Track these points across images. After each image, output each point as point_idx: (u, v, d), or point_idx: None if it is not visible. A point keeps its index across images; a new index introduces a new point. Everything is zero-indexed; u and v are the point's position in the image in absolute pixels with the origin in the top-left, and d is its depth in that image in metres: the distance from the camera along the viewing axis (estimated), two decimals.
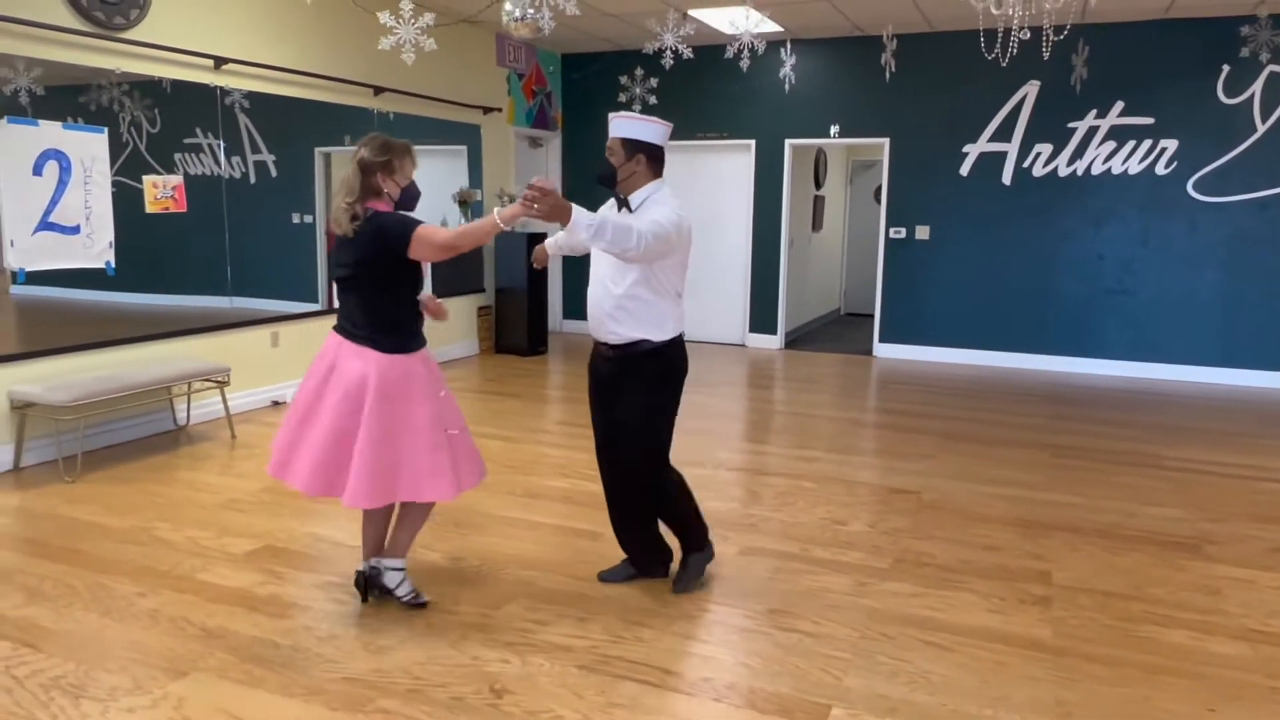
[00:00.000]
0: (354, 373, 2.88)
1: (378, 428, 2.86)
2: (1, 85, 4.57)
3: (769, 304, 8.99)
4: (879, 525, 4.05)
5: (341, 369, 2.91)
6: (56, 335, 4.91)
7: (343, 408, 2.87)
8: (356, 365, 2.88)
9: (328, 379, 2.93)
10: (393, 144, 2.96)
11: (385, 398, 2.88)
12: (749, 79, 8.57)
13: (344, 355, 2.93)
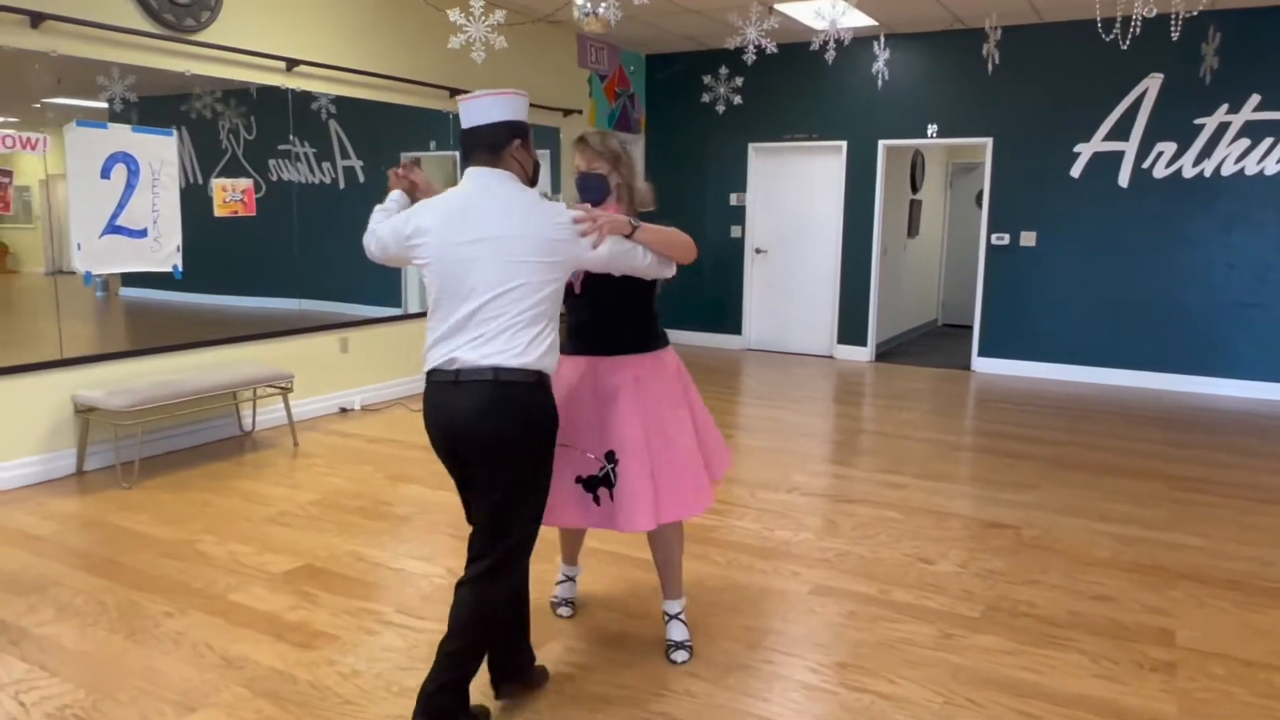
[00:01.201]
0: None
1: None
2: (97, 92, 4.60)
3: (859, 314, 8.51)
4: (971, 565, 3.61)
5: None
6: (156, 336, 5.04)
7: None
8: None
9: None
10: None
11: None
12: (840, 77, 8.14)
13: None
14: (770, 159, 8.80)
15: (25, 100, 4.38)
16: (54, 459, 4.52)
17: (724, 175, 8.95)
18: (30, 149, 4.29)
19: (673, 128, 9.12)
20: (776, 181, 8.81)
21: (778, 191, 8.82)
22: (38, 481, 4.45)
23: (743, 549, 3.75)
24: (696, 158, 9.04)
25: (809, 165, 8.63)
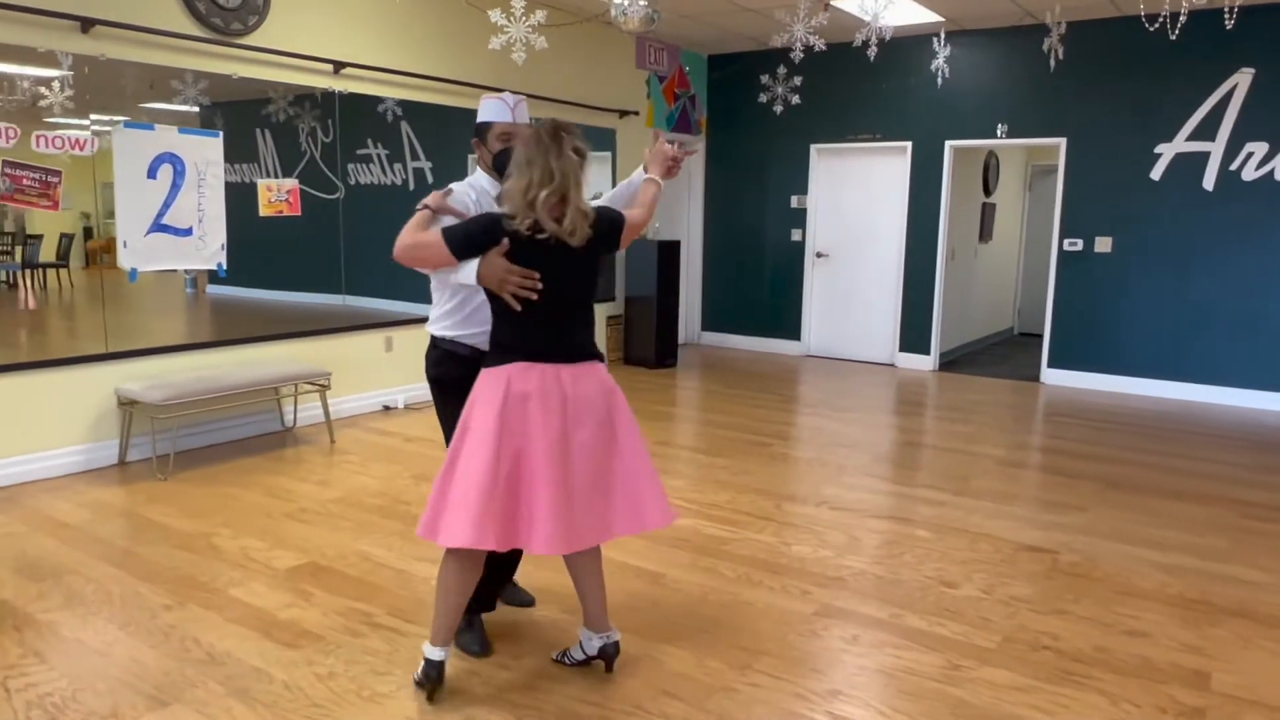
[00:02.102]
0: (593, 393, 2.49)
1: (635, 430, 2.61)
2: (171, 96, 4.81)
3: (922, 321, 8.20)
4: (995, 591, 3.39)
5: (579, 396, 2.46)
6: (229, 330, 5.32)
7: (599, 438, 2.50)
8: (592, 384, 2.49)
9: (565, 416, 2.44)
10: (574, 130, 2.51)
11: (623, 401, 2.62)
12: (904, 75, 7.87)
13: (575, 382, 2.46)
14: (833, 160, 8.57)
15: (122, 103, 4.65)
16: (98, 449, 4.68)
17: (785, 177, 8.76)
18: (79, 150, 4.45)
19: (734, 129, 8.97)
20: (839, 183, 8.57)
21: (840, 194, 8.58)
22: (81, 470, 4.61)
23: (754, 564, 3.61)
24: (758, 159, 8.87)
25: (872, 167, 8.36)
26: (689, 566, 3.57)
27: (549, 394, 2.43)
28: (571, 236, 2.38)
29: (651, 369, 7.96)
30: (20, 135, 4.23)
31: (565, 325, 2.50)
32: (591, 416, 2.49)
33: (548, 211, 2.36)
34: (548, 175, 2.35)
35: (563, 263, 2.43)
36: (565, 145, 2.37)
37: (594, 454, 2.49)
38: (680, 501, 4.35)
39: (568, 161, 2.37)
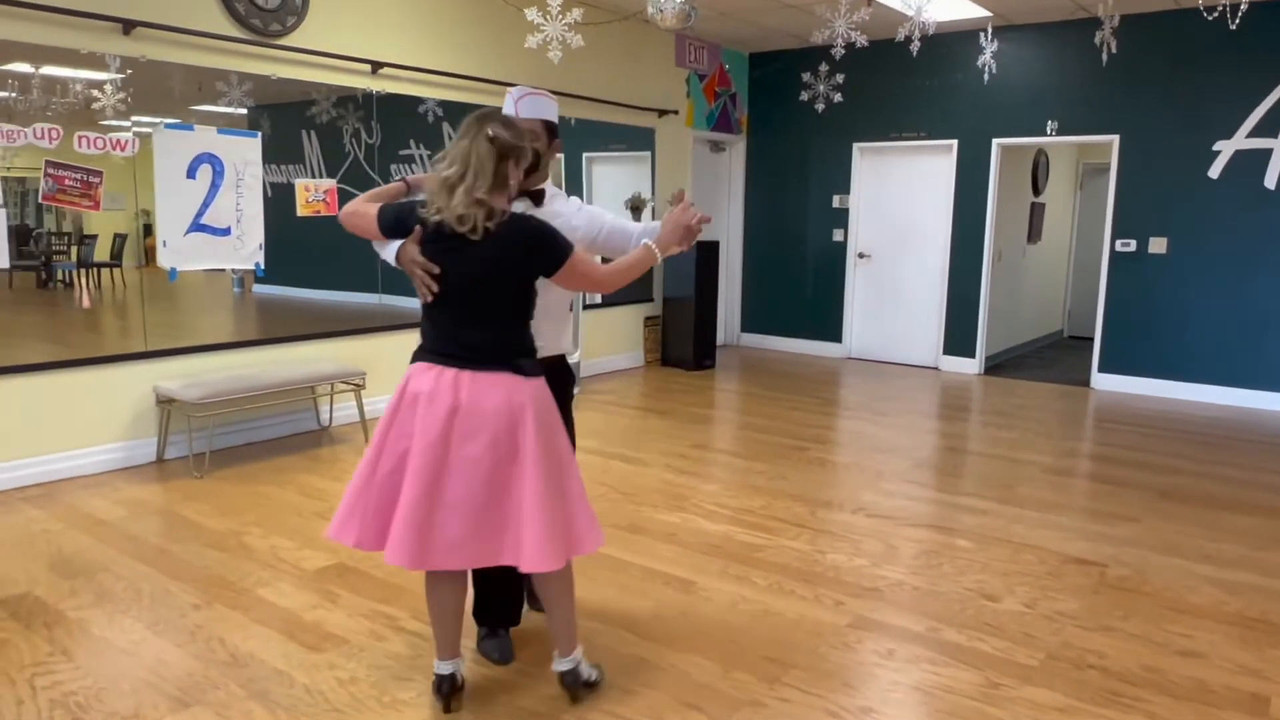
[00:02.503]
0: (495, 407, 2.25)
1: (547, 459, 2.30)
2: (217, 98, 4.88)
3: (967, 323, 8.01)
4: (1039, 605, 3.26)
5: (474, 407, 2.25)
6: (276, 328, 5.42)
7: (492, 456, 2.25)
8: (496, 398, 2.26)
9: (452, 425, 2.25)
10: (521, 128, 2.32)
11: (544, 427, 2.31)
12: (950, 72, 7.70)
13: (472, 389, 2.26)
14: (876, 159, 8.41)
15: (171, 106, 4.74)
16: (136, 446, 4.73)
17: (826, 176, 8.61)
18: (120, 150, 4.50)
19: (775, 128, 8.85)
20: (882, 183, 8.41)
21: (883, 193, 8.42)
22: (119, 468, 4.66)
23: (787, 571, 3.52)
24: (799, 159, 8.74)
25: (917, 165, 8.19)
26: (720, 574, 3.49)
27: (437, 398, 2.26)
28: (461, 224, 2.19)
29: (689, 370, 7.87)
30: (63, 136, 4.28)
31: (466, 325, 2.29)
32: (486, 432, 2.24)
33: (445, 197, 2.22)
34: (451, 159, 2.23)
35: (464, 258, 2.24)
36: (480, 133, 2.22)
37: (484, 472, 2.25)
38: (713, 506, 4.27)
39: (475, 150, 2.20)
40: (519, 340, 2.35)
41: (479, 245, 2.23)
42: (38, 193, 4.30)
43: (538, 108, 2.59)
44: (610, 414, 6.22)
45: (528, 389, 2.31)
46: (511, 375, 2.29)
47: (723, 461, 5.07)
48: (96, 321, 4.81)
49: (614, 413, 6.26)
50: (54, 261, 4.65)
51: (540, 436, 2.29)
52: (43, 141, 4.22)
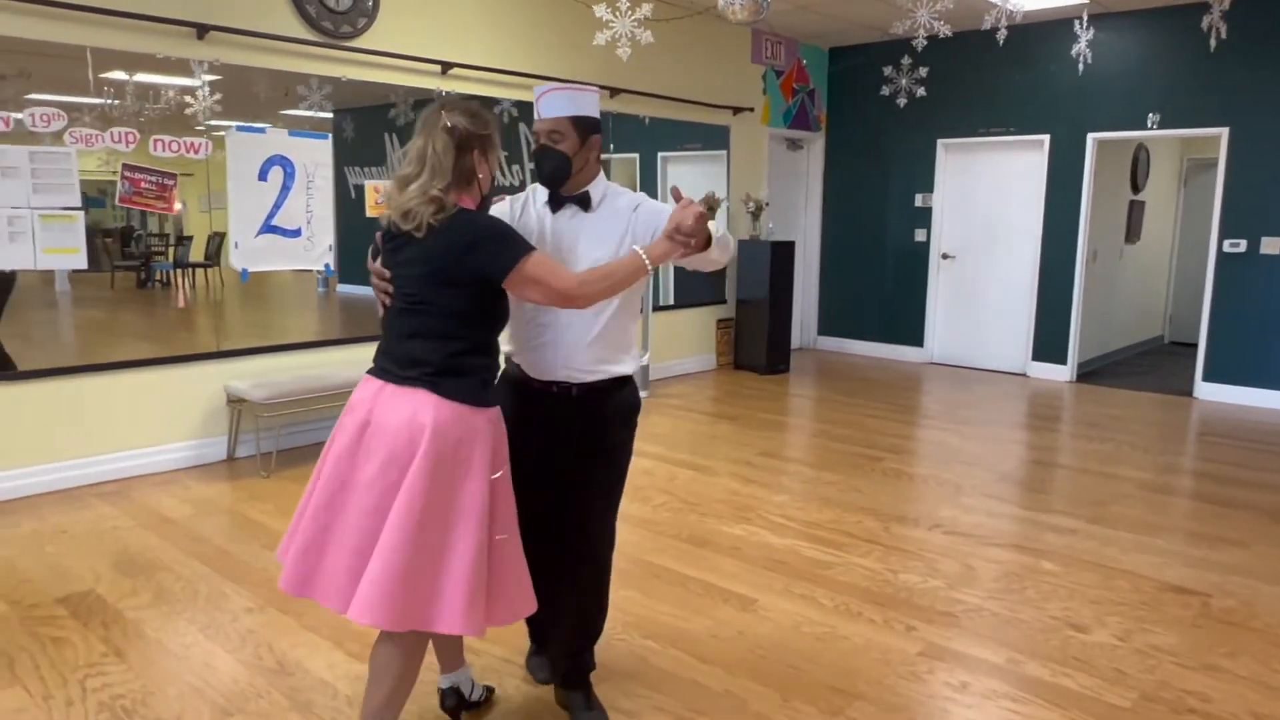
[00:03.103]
0: (397, 424, 1.98)
1: (421, 506, 1.94)
2: (297, 102, 4.95)
3: (1058, 328, 7.60)
4: (1133, 639, 2.99)
5: (380, 423, 2.00)
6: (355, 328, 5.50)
7: (381, 482, 1.97)
8: (401, 413, 1.98)
9: (360, 441, 2.02)
10: (488, 115, 2.13)
11: (438, 462, 1.96)
12: (1042, 63, 7.32)
13: (384, 404, 2.02)
14: (961, 156, 8.06)
15: (258, 110, 4.86)
16: (208, 445, 4.80)
17: (909, 174, 8.30)
18: (194, 153, 4.57)
19: (855, 124, 8.58)
20: (968, 180, 8.06)
21: (969, 191, 8.06)
22: (191, 465, 4.73)
23: (856, 592, 3.32)
24: (880, 156, 8.45)
25: (1005, 162, 7.82)
26: (783, 592, 3.32)
27: (355, 410, 2.05)
28: (406, 221, 1.99)
29: (762, 375, 7.68)
30: (139, 140, 4.37)
31: (405, 335, 2.05)
32: (383, 451, 1.98)
33: (398, 186, 2.03)
34: (409, 158, 2.04)
35: (406, 257, 2.04)
36: (438, 125, 2.02)
37: (374, 498, 1.97)
38: (780, 519, 4.09)
39: (432, 144, 2.01)
40: (452, 358, 2.02)
41: (421, 243, 2.00)
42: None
43: (561, 104, 2.26)
44: (678, 419, 6.08)
45: (438, 411, 1.97)
46: (424, 392, 1.98)
47: (792, 471, 4.88)
48: (188, 320, 4.96)
49: (682, 417, 6.12)
50: (153, 262, 4.81)
51: (430, 471, 1.94)
52: (119, 145, 4.31)
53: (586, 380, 2.30)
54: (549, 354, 2.29)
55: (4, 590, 3.22)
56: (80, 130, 4.18)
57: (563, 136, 2.25)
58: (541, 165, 2.28)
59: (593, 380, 2.30)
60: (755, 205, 7.72)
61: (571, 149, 2.26)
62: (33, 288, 4.31)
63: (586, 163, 2.31)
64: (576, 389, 2.30)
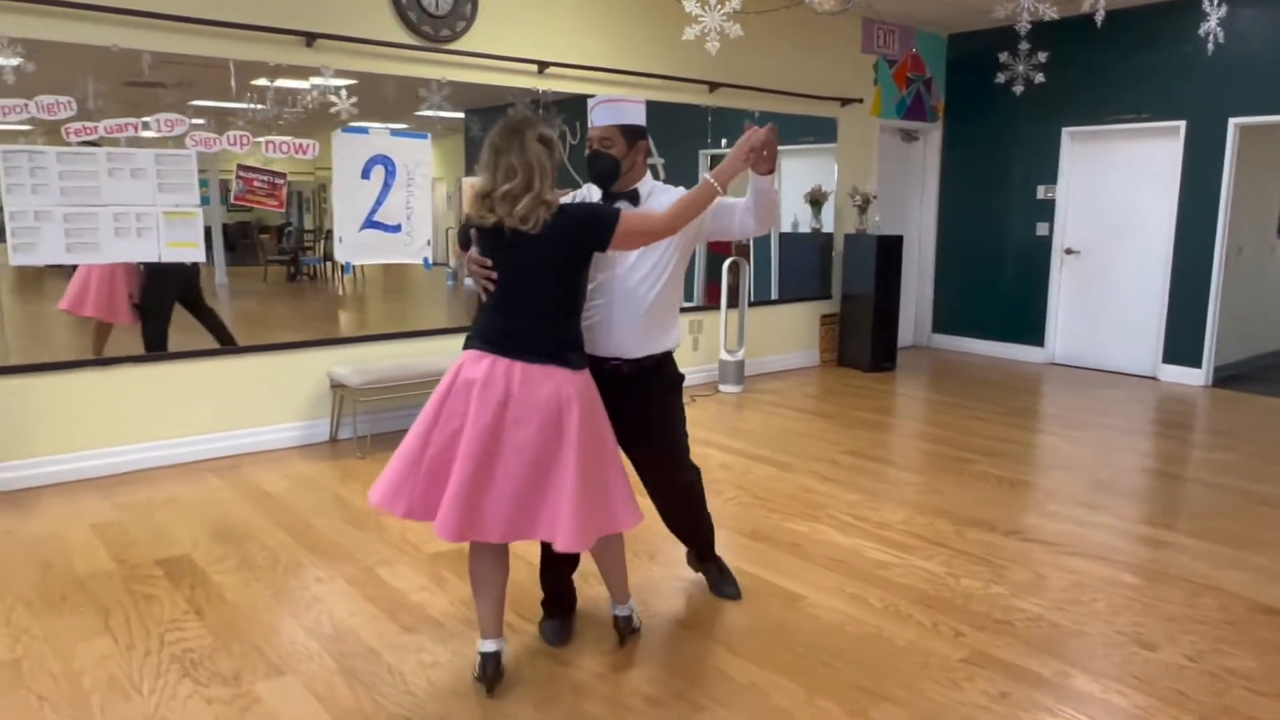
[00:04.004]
0: (545, 398, 2.39)
1: (589, 448, 2.44)
2: (420, 103, 5.28)
3: (1193, 328, 7.07)
4: (1206, 659, 2.79)
5: (525, 399, 2.38)
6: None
7: (539, 441, 2.39)
8: (546, 389, 2.39)
9: (504, 414, 2.38)
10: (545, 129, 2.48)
11: (583, 418, 2.43)
12: (1175, 44, 6.82)
13: (524, 383, 2.39)
14: (1088, 145, 7.61)
15: (392, 111, 5.26)
16: (313, 426, 5.14)
17: (1031, 165, 7.90)
18: (302, 154, 4.89)
19: (975, 114, 8.24)
20: (1095, 171, 7.60)
21: (1096, 182, 7.61)
22: (296, 445, 5.08)
23: (910, 594, 3.23)
24: (1000, 146, 8.08)
25: (1135, 151, 7.33)
26: (834, 591, 3.27)
27: (491, 386, 2.39)
28: (524, 224, 2.34)
29: (865, 372, 7.50)
30: (252, 142, 4.72)
31: (520, 318, 2.44)
32: (535, 419, 2.39)
33: (504, 203, 2.34)
34: (507, 173, 2.35)
35: (522, 260, 2.40)
36: (528, 139, 2.36)
37: (532, 455, 2.39)
38: (849, 518, 4.02)
39: (531, 154, 2.36)
40: (567, 333, 2.48)
41: (535, 238, 2.35)
42: (299, 194, 4.99)
43: (611, 114, 2.64)
44: (768, 414, 6.04)
45: (575, 382, 2.44)
46: (560, 368, 2.42)
47: (874, 470, 4.76)
48: (327, 310, 5.42)
49: (772, 413, 6.07)
50: (302, 256, 5.24)
51: (583, 426, 2.42)
52: (234, 147, 4.67)
53: (635, 357, 2.68)
54: (601, 331, 2.66)
55: (114, 551, 3.57)
56: (200, 134, 4.55)
57: (612, 142, 2.63)
58: (593, 167, 2.66)
59: (640, 357, 2.69)
60: (862, 199, 7.54)
61: (620, 153, 2.63)
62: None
63: (634, 164, 2.67)
64: (627, 366, 2.69)
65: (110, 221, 4.39)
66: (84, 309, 4.53)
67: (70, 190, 4.27)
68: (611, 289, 2.65)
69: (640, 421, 2.74)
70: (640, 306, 2.66)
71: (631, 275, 2.66)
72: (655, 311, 2.69)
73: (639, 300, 2.65)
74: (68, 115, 4.20)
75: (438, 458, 2.41)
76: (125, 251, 4.45)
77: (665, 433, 2.84)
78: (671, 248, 2.69)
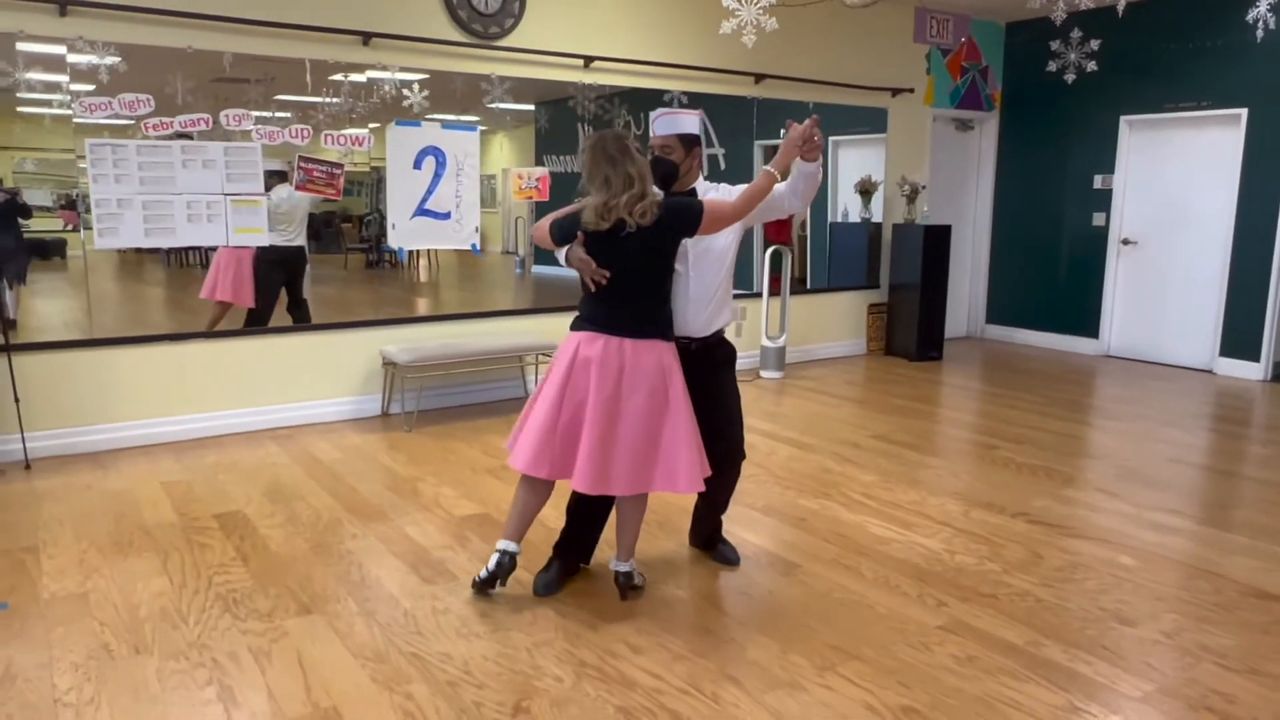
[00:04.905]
0: (652, 366, 2.85)
1: (686, 406, 2.90)
2: (482, 96, 5.62)
3: (1252, 321, 6.91)
4: (1182, 635, 2.87)
5: (635, 367, 2.84)
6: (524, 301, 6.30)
7: (650, 405, 2.85)
8: (651, 359, 2.86)
9: (619, 382, 2.83)
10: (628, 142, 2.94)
11: (682, 380, 2.91)
12: (1233, 31, 6.66)
13: (634, 355, 2.84)
14: (1147, 134, 7.47)
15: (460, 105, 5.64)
16: (366, 401, 5.50)
17: (1088, 155, 7.80)
18: (358, 146, 5.24)
19: (1032, 103, 8.16)
20: (1153, 160, 7.46)
21: (1154, 172, 7.47)
22: (350, 418, 5.44)
23: (904, 568, 3.37)
24: (1057, 136, 7.99)
25: (1195, 139, 7.17)
26: (831, 562, 3.43)
27: (608, 362, 2.84)
28: (644, 219, 2.75)
29: (912, 362, 7.54)
30: (312, 135, 5.07)
31: (631, 305, 2.87)
32: (645, 385, 2.84)
33: (628, 210, 2.73)
34: (627, 181, 2.74)
35: (631, 252, 2.80)
36: (633, 151, 2.77)
37: (645, 418, 2.84)
38: (860, 497, 4.16)
39: (640, 165, 2.78)
40: (663, 312, 2.92)
41: (643, 231, 2.76)
42: (375, 184, 5.43)
43: (670, 125, 3.02)
44: (803, 399, 6.17)
45: (672, 350, 2.92)
46: (660, 342, 2.89)
47: (895, 454, 4.87)
48: (401, 295, 5.83)
49: (808, 398, 6.20)
50: (382, 244, 5.59)
51: (682, 387, 2.90)
52: (296, 140, 5.03)
53: (701, 336, 3.06)
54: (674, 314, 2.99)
55: (178, 505, 3.95)
56: (265, 128, 4.93)
57: (672, 149, 3.01)
58: (656, 170, 2.96)
59: (705, 336, 3.07)
60: (910, 188, 7.57)
61: (679, 159, 3.01)
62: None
63: (690, 168, 3.05)
64: (695, 344, 3.05)
65: (184, 208, 4.80)
66: (215, 295, 5.12)
67: (148, 180, 4.68)
68: (682, 278, 3.01)
69: (713, 393, 3.10)
70: (706, 292, 3.04)
71: (700, 263, 3.01)
72: (719, 295, 3.08)
73: (705, 286, 3.03)
74: (146, 111, 4.62)
75: (569, 426, 2.85)
76: (197, 236, 4.86)
77: (734, 402, 3.19)
78: (731, 236, 3.06)
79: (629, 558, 3.09)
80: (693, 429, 2.91)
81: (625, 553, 3.08)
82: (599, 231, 2.79)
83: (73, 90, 4.44)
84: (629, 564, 3.09)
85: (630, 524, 3.06)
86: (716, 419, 3.11)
